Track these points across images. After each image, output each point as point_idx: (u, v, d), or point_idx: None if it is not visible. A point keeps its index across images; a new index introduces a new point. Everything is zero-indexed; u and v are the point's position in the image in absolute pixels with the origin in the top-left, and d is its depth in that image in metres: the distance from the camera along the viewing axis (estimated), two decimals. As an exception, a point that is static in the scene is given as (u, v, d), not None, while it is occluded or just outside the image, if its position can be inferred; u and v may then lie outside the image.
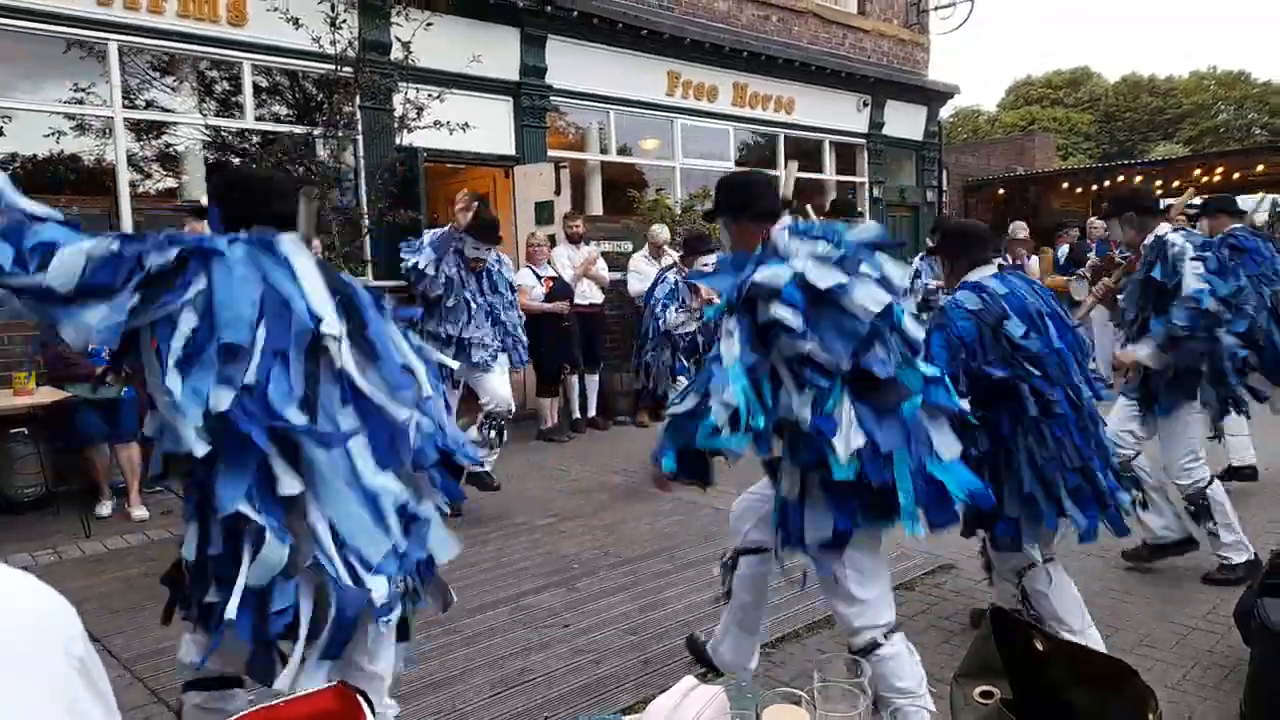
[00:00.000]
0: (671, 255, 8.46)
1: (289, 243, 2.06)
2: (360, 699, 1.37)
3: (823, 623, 3.76)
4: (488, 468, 5.58)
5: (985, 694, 1.36)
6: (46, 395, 5.41)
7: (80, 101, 6.93)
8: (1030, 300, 3.07)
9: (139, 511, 5.61)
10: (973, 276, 3.15)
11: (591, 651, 3.51)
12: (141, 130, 7.36)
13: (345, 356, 1.99)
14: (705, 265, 7.11)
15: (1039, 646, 1.39)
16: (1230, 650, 3.32)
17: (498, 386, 5.66)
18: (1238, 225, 5.08)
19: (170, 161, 7.60)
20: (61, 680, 0.54)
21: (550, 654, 3.51)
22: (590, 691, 3.19)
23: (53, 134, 6.83)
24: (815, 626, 3.73)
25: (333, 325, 1.98)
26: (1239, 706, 2.83)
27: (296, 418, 1.88)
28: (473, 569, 4.49)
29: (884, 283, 2.35)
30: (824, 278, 2.25)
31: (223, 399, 1.83)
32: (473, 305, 5.51)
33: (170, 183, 7.66)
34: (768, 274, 2.28)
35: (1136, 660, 3.25)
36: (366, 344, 2.07)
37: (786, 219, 2.55)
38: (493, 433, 5.64)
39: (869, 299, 2.26)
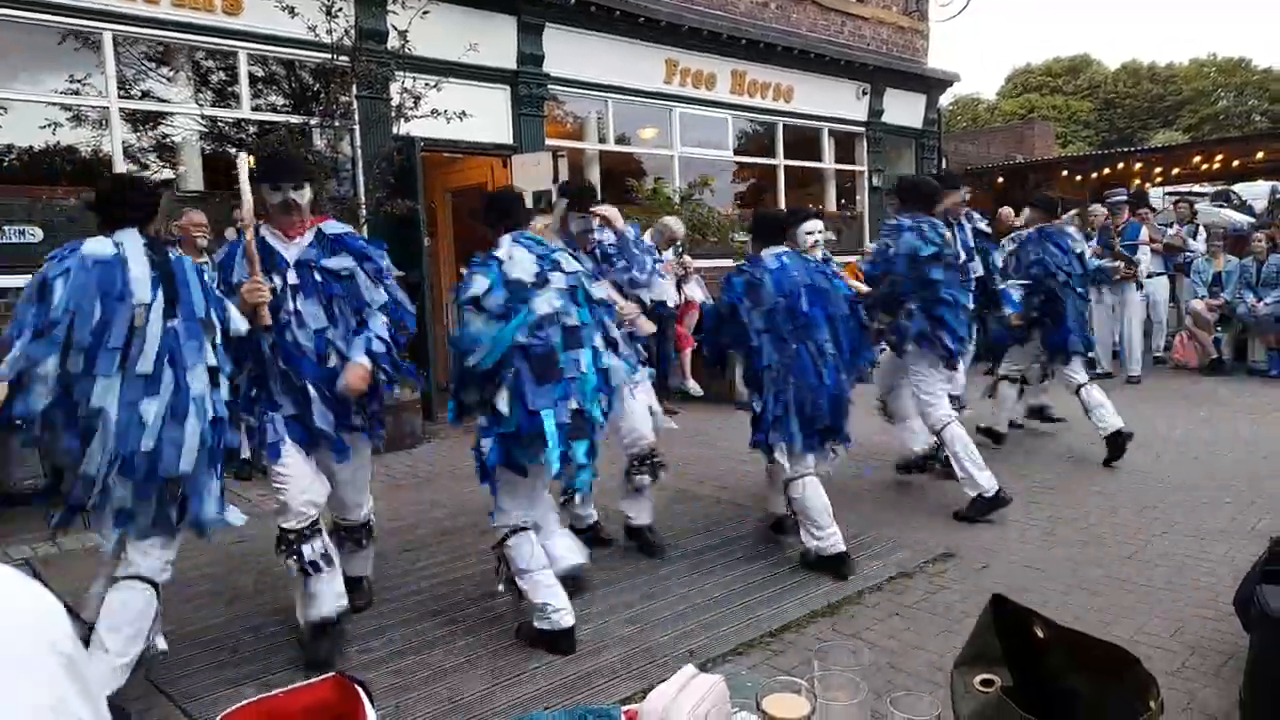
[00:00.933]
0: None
1: (128, 237, 2.99)
2: (359, 688, 1.37)
3: (823, 612, 3.76)
4: (645, 520, 4.58)
5: (986, 682, 1.35)
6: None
7: (76, 92, 6.89)
8: (795, 275, 4.16)
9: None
10: (763, 254, 4.28)
11: (592, 641, 3.51)
12: (137, 120, 7.33)
13: (153, 318, 2.89)
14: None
15: (1039, 634, 1.38)
16: (1229, 637, 3.33)
17: (636, 416, 4.42)
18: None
19: (166, 152, 7.57)
20: (49, 679, 0.54)
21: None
22: (590, 681, 3.20)
23: (49, 125, 6.80)
24: (815, 616, 3.73)
25: (145, 296, 2.90)
26: (1239, 693, 2.83)
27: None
28: (476, 559, 4.49)
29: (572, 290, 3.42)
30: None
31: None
32: None
33: (167, 173, 7.62)
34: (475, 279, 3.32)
35: (1136, 648, 3.24)
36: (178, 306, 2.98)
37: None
38: (644, 476, 4.46)
39: (543, 304, 3.27)
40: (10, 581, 0.56)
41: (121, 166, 6.95)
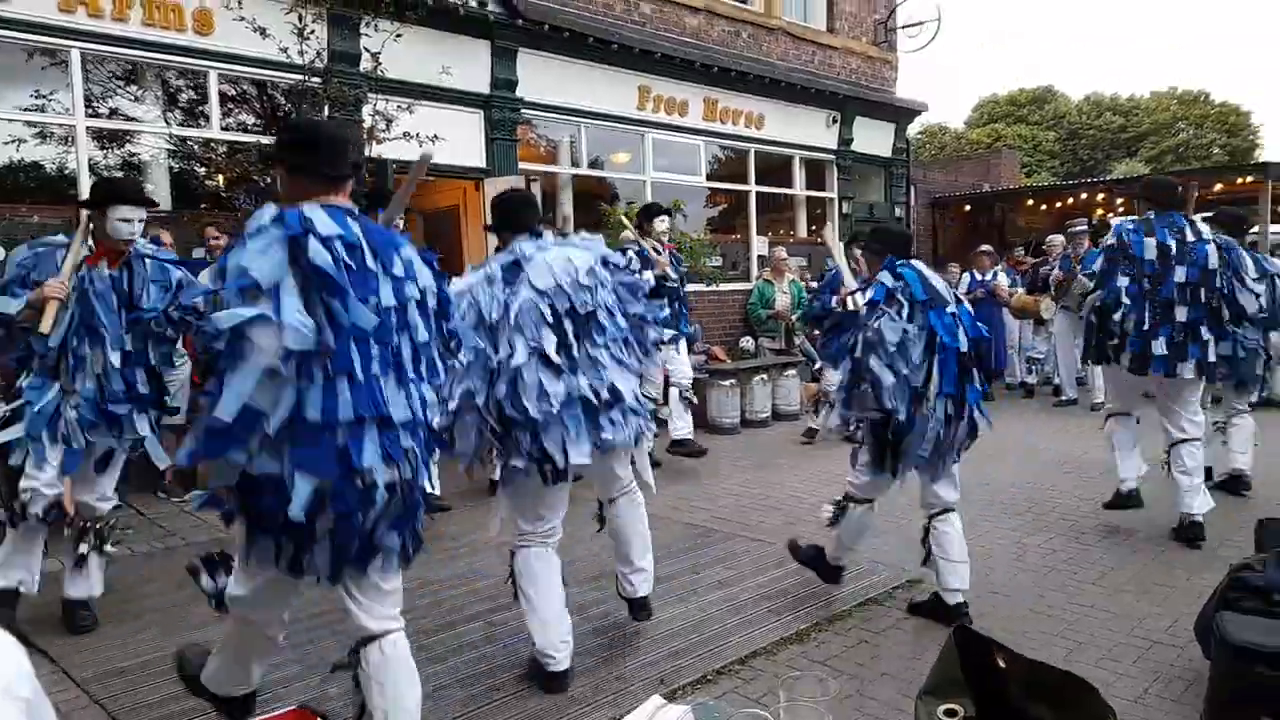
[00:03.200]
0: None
1: None
2: (320, 723, 1.34)
3: (792, 639, 3.76)
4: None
5: (949, 711, 1.36)
6: None
7: (41, 109, 6.82)
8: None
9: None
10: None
11: (561, 668, 3.48)
12: (104, 138, 7.25)
13: None
14: None
15: (1000, 663, 1.40)
16: (1191, 664, 3.37)
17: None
18: None
19: (134, 170, 7.49)
20: None
21: (522, 670, 3.48)
22: (560, 710, 3.17)
23: (13, 142, 6.71)
24: (785, 643, 3.73)
25: None
26: (1199, 718, 2.87)
27: None
28: (443, 585, 4.44)
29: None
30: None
31: None
32: None
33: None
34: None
35: (1101, 673, 3.29)
36: None
37: None
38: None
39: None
40: None
41: (87, 184, 6.87)
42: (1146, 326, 4.71)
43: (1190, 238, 4.75)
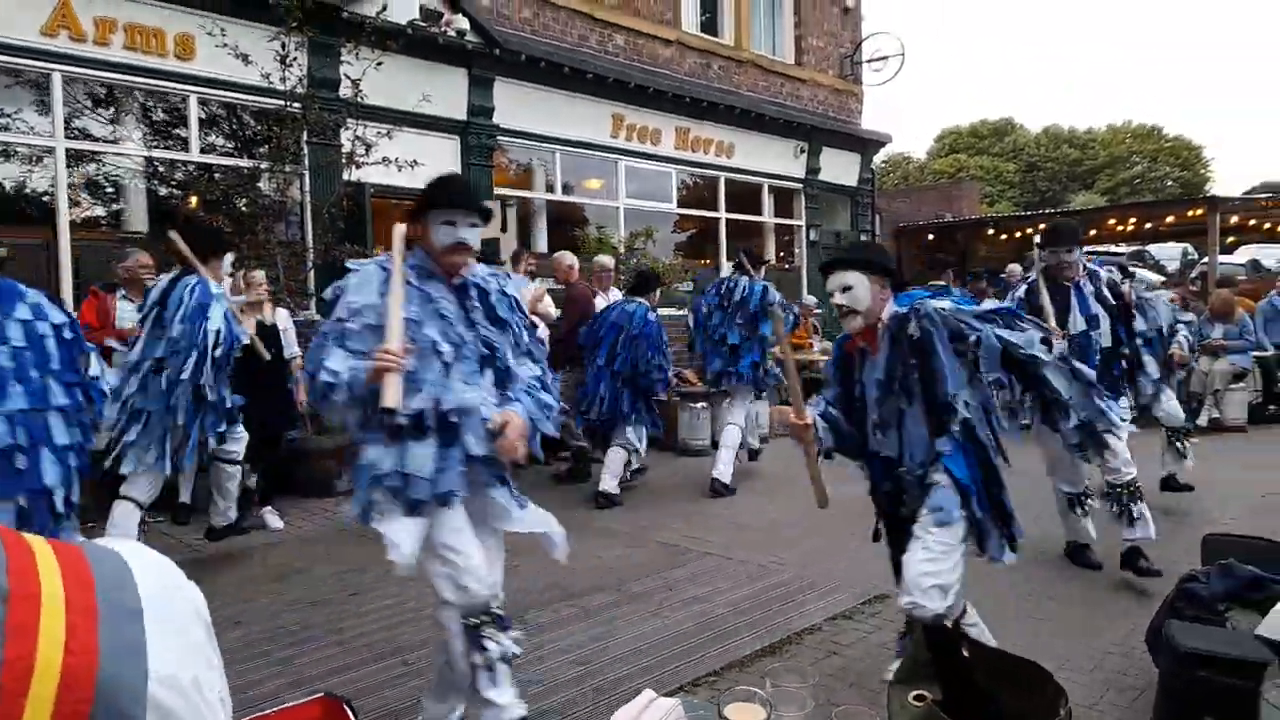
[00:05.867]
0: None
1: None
2: (345, 707, 1.46)
3: (765, 651, 3.89)
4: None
5: (919, 697, 1.51)
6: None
7: (21, 131, 6.85)
8: None
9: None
10: None
11: (543, 682, 3.58)
12: (83, 161, 7.29)
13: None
14: None
15: (965, 654, 1.55)
16: (1142, 673, 3.55)
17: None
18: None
19: (112, 193, 7.53)
20: (204, 642, 0.65)
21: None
22: (541, 720, 3.26)
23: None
24: (759, 655, 3.86)
25: None
26: (1149, 722, 3.04)
27: None
28: (424, 603, 4.51)
29: None
30: None
31: None
32: None
33: (111, 214, 7.58)
34: None
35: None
36: None
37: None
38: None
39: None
40: (155, 553, 0.66)
41: (66, 206, 6.90)
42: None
43: None
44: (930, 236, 18.16)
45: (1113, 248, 18.29)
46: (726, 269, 12.91)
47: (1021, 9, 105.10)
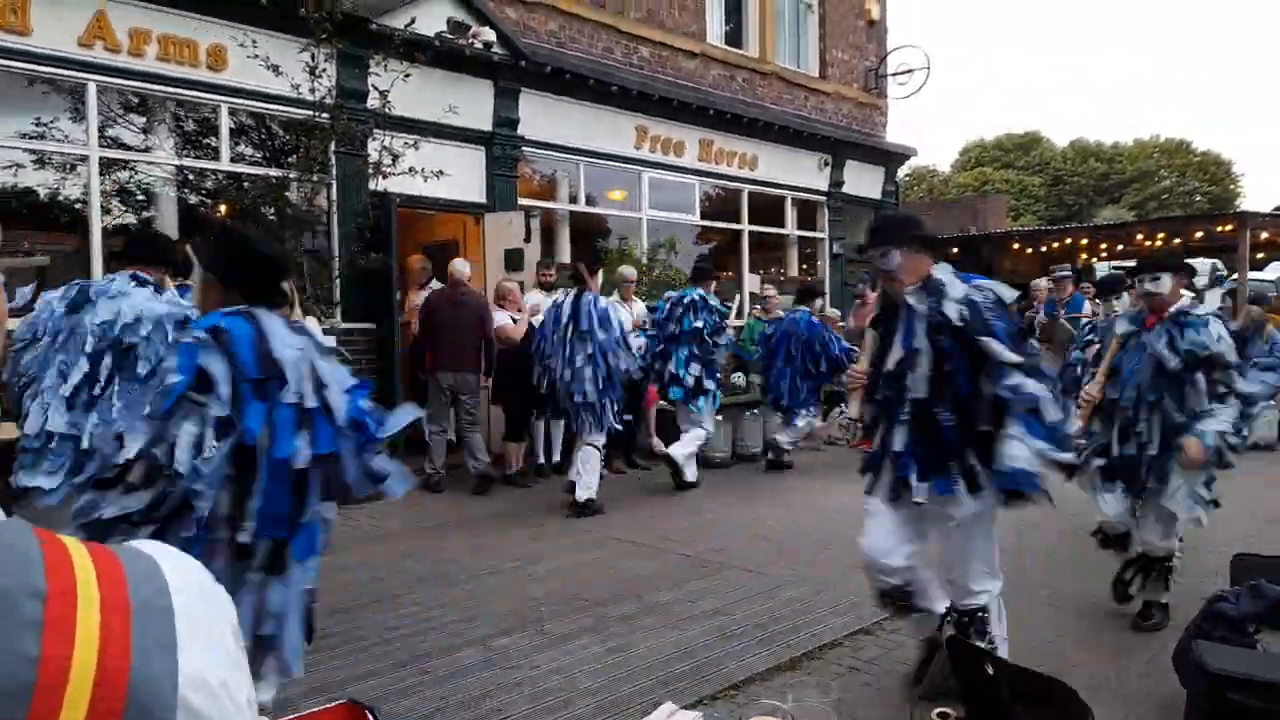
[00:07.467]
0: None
1: None
2: (369, 714, 1.47)
3: (785, 666, 3.88)
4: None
5: (942, 714, 1.50)
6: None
7: (57, 139, 6.97)
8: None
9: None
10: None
11: (561, 692, 3.58)
12: (116, 169, 7.41)
13: None
14: None
15: (989, 671, 1.53)
16: (1170, 694, 3.49)
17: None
18: None
19: (143, 200, 7.64)
20: (234, 643, 0.65)
21: (520, 695, 3.57)
22: (560, 730, 3.26)
23: (27, 171, 6.86)
24: (778, 669, 3.84)
25: None
26: (1176, 744, 3.00)
27: None
28: (444, 610, 4.54)
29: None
30: None
31: None
32: None
33: (142, 221, 7.69)
34: None
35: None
36: None
37: None
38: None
39: None
40: (185, 555, 0.67)
41: (98, 213, 7.02)
42: None
43: None
44: (954, 250, 18.05)
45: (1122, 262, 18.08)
46: (750, 282, 12.92)
47: (1041, 19, 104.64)
